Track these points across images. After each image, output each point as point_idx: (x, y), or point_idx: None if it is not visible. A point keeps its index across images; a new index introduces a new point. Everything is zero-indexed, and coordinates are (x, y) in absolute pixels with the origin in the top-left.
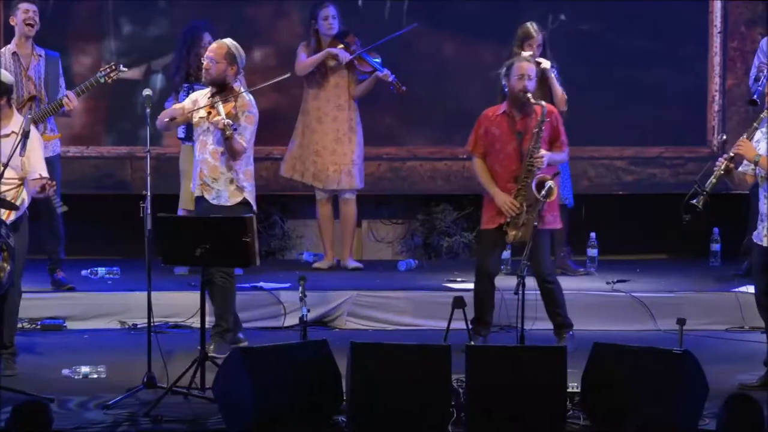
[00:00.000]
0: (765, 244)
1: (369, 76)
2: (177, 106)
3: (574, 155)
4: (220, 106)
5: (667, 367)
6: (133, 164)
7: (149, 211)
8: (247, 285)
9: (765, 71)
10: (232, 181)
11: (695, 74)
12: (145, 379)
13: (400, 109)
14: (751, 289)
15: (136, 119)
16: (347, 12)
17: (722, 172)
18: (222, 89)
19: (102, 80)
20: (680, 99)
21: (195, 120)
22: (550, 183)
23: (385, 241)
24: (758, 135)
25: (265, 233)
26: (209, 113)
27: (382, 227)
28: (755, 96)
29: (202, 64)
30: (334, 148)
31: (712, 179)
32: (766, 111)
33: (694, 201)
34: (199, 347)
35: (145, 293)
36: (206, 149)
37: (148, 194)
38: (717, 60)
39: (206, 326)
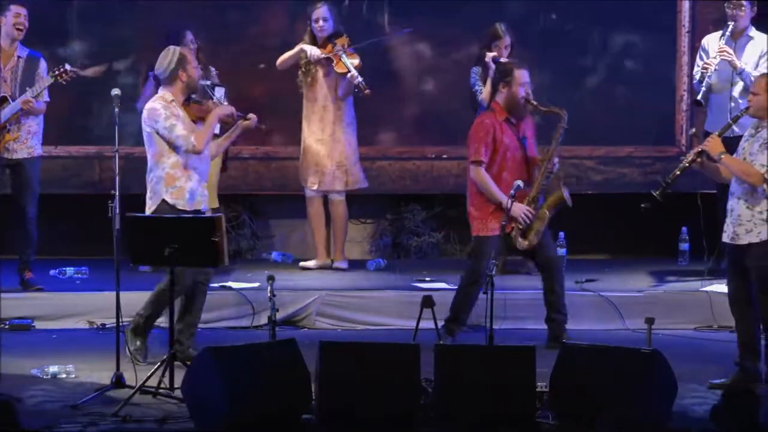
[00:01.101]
0: (726, 240)
1: (343, 75)
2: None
3: None
4: None
5: (635, 367)
6: (102, 164)
7: (117, 211)
8: (216, 285)
9: (709, 71)
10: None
11: (664, 74)
12: (113, 379)
13: (369, 109)
14: (720, 288)
15: (104, 119)
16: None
17: (687, 165)
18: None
19: (52, 79)
20: (649, 99)
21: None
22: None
23: (354, 241)
24: (746, 142)
25: (234, 233)
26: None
27: (352, 227)
28: (699, 97)
29: None
30: (318, 148)
31: (676, 171)
32: (743, 111)
33: (654, 191)
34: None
35: (114, 293)
36: None
37: (117, 194)
38: (685, 59)
39: (175, 326)
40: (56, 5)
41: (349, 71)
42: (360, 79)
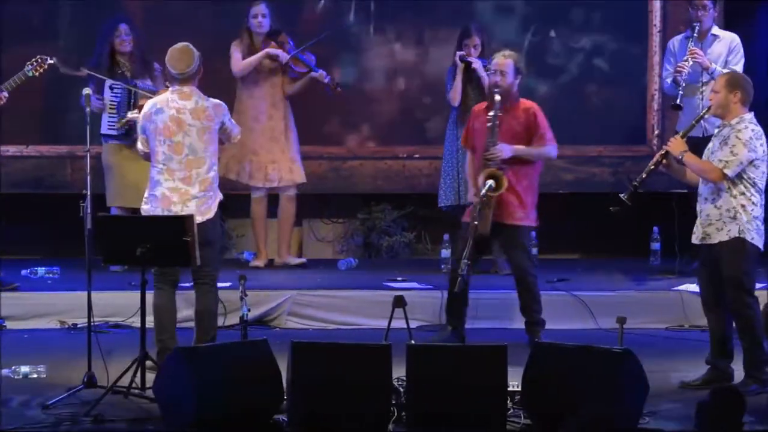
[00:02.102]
0: (695, 241)
1: (302, 75)
2: None
3: None
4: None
5: (607, 366)
6: (73, 164)
7: (89, 211)
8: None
9: (683, 74)
10: None
11: (635, 73)
12: (85, 379)
13: (341, 108)
14: (691, 287)
15: (75, 118)
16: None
17: (653, 167)
18: None
19: (30, 74)
20: (620, 98)
21: None
22: (490, 181)
23: (325, 241)
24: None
25: None
26: None
27: (323, 226)
28: (678, 101)
29: (117, 53)
30: (271, 146)
31: (643, 174)
32: (705, 111)
33: (622, 195)
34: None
35: (85, 293)
36: None
37: (88, 193)
38: (656, 59)
39: (146, 325)
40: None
41: (314, 70)
42: (328, 77)
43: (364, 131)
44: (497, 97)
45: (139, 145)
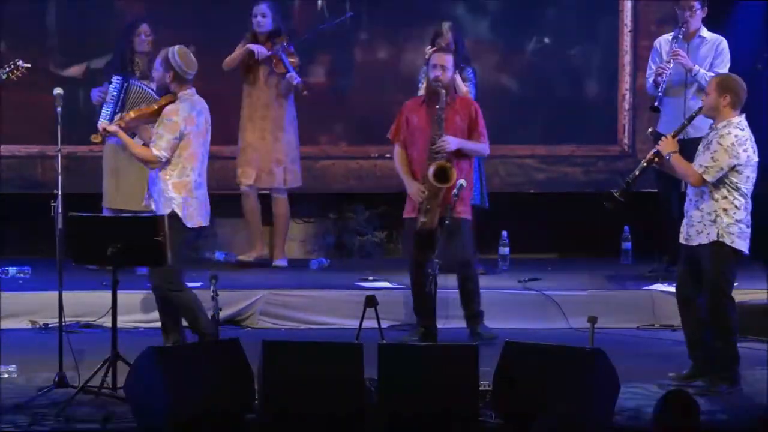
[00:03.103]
0: (681, 241)
1: (281, 75)
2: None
3: None
4: (132, 113)
5: (578, 365)
6: (44, 163)
7: (60, 210)
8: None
9: (664, 75)
10: (160, 194)
11: (606, 73)
12: (56, 379)
13: (313, 108)
14: (661, 287)
15: (47, 118)
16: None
17: (646, 165)
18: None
19: (5, 77)
20: (591, 98)
21: None
22: (431, 169)
23: (297, 240)
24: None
25: None
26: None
27: (295, 226)
28: (657, 103)
29: (135, 53)
30: (258, 146)
31: (636, 172)
32: (696, 111)
33: (614, 191)
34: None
35: (57, 293)
36: None
37: (59, 193)
38: (627, 59)
39: (117, 325)
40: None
41: (288, 71)
42: (299, 79)
43: (336, 131)
44: (442, 91)
45: (166, 152)
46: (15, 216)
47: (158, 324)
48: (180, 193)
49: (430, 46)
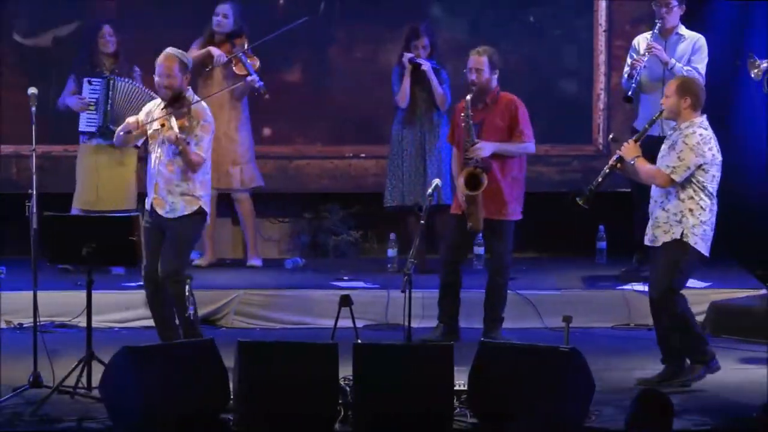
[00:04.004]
0: (647, 243)
1: (240, 77)
2: (131, 119)
3: None
4: (173, 120)
5: (553, 365)
6: (19, 163)
7: (35, 210)
8: (133, 284)
9: (638, 67)
10: (184, 193)
11: (580, 72)
12: (30, 379)
13: (288, 108)
14: (636, 286)
15: (21, 118)
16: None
17: (608, 171)
18: (176, 100)
19: None
20: (566, 97)
21: (150, 132)
22: (461, 179)
23: (272, 240)
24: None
25: None
26: (162, 126)
27: (269, 226)
28: (630, 93)
29: (100, 54)
30: (214, 147)
31: (599, 177)
32: (657, 115)
33: (578, 199)
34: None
35: (31, 292)
36: (162, 162)
37: (34, 193)
38: (602, 58)
39: (92, 325)
40: None
41: (250, 74)
42: (261, 83)
43: (311, 131)
44: (468, 97)
45: (206, 153)
46: None
47: (133, 324)
48: (204, 191)
49: (404, 48)
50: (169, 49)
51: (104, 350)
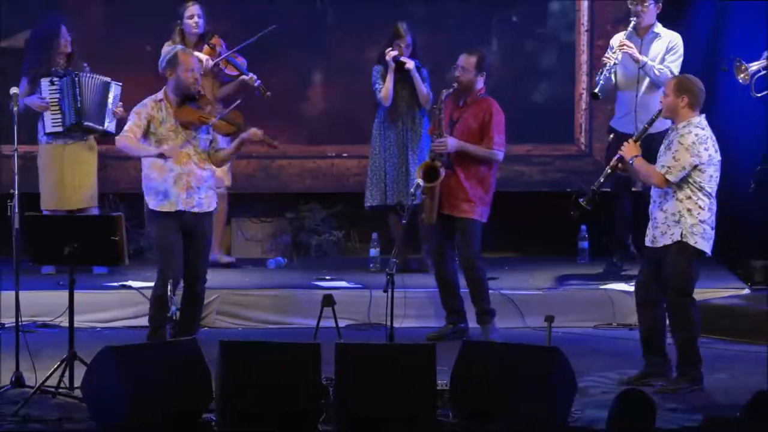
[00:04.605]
0: (648, 243)
1: (233, 78)
2: (132, 136)
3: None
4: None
5: (535, 364)
6: (0, 163)
7: (17, 210)
8: (115, 284)
9: (608, 65)
10: (211, 188)
11: (563, 72)
12: (12, 379)
13: (269, 107)
14: (618, 285)
15: (2, 118)
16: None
17: (610, 171)
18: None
19: None
20: (548, 97)
21: (163, 133)
22: (420, 170)
23: (254, 240)
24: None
25: (133, 232)
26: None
27: (251, 225)
28: (597, 90)
29: (57, 54)
30: None
31: (600, 178)
32: (656, 114)
33: (581, 200)
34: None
35: (13, 292)
36: (191, 160)
37: (16, 193)
38: (584, 58)
39: (75, 325)
40: None
41: (244, 74)
42: (259, 81)
43: (293, 130)
44: (443, 92)
45: None
46: None
47: (116, 324)
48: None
49: (389, 48)
50: (188, 49)
51: (86, 350)
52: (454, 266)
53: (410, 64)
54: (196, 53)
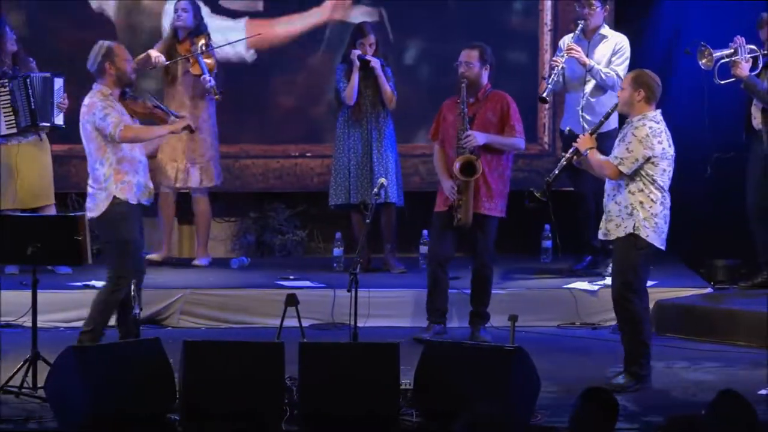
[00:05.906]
0: (600, 237)
1: (196, 77)
2: (131, 124)
3: (405, 153)
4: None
5: (499, 364)
6: None
7: None
8: (79, 284)
9: (556, 68)
10: None
11: (526, 72)
12: None
13: (232, 107)
14: (582, 285)
15: None
16: None
17: (565, 163)
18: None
19: None
20: (511, 96)
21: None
22: (457, 164)
23: (217, 239)
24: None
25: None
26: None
27: (215, 225)
28: (545, 93)
29: (6, 56)
30: (175, 145)
31: (555, 171)
32: (613, 108)
33: (535, 191)
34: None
35: None
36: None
37: None
38: (547, 57)
39: (38, 325)
40: None
41: (203, 74)
42: (212, 83)
43: (256, 130)
44: (462, 87)
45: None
46: None
47: (78, 324)
48: None
49: (351, 46)
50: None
51: (50, 350)
52: (448, 267)
53: (374, 63)
54: (150, 50)
